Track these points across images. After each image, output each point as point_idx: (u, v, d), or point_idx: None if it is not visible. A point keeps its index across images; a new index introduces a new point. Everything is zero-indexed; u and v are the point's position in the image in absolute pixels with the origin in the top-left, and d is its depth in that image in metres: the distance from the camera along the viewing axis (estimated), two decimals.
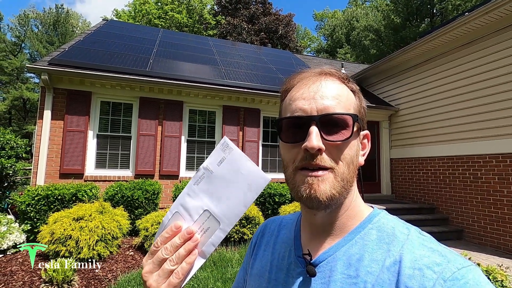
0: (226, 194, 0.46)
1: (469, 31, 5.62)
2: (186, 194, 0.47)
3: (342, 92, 0.51)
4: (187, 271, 0.44)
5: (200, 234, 0.46)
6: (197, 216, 0.46)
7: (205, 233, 0.46)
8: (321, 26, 37.16)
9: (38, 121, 5.40)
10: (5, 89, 25.46)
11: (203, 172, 0.47)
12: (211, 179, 0.47)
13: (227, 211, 0.46)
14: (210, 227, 0.46)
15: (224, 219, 0.46)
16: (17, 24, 27.93)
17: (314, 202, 0.46)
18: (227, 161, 0.46)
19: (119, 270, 3.55)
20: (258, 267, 0.61)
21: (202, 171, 0.47)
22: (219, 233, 0.46)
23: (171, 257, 0.44)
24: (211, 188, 0.47)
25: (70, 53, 5.97)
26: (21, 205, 4.19)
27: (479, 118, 5.49)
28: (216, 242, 0.46)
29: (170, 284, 0.43)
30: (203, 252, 0.46)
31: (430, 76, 6.60)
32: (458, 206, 5.86)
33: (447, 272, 0.40)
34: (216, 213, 0.46)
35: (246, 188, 0.45)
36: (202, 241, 0.46)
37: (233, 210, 0.46)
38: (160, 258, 0.44)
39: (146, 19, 23.27)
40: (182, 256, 0.44)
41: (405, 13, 22.82)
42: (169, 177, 6.16)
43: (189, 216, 0.47)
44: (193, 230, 0.46)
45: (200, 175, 0.47)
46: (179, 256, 0.44)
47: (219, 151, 0.47)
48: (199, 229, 0.46)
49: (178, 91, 6.31)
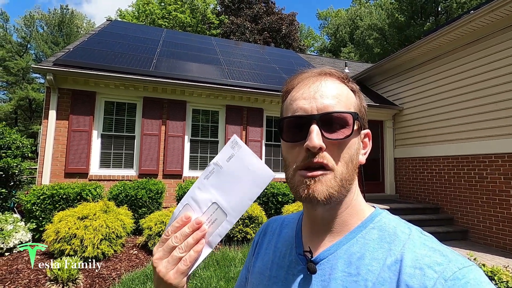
0: (233, 188, 0.49)
1: (475, 30, 5.56)
2: (197, 187, 0.51)
3: (342, 91, 0.51)
4: (194, 259, 0.46)
5: (208, 224, 0.49)
6: (206, 208, 0.49)
7: (213, 224, 0.49)
8: (325, 25, 37.03)
9: (43, 121, 5.45)
10: (11, 89, 25.75)
11: (213, 167, 0.50)
12: (220, 174, 0.50)
13: (234, 204, 0.48)
14: (217, 219, 0.49)
15: (231, 211, 0.48)
16: (22, 25, 28.23)
17: (313, 202, 0.47)
18: (235, 157, 0.49)
19: (123, 268, 3.58)
20: (260, 265, 0.61)
21: (212, 166, 0.50)
22: (226, 224, 0.48)
23: (180, 245, 0.46)
24: (220, 182, 0.50)
25: (75, 53, 6.02)
26: (27, 204, 4.24)
27: (484, 117, 5.44)
28: (222, 233, 0.49)
29: (178, 271, 0.46)
30: (210, 242, 0.49)
31: (435, 75, 6.54)
32: (463, 206, 5.81)
33: (448, 271, 0.40)
34: (223, 206, 0.49)
35: (252, 183, 0.48)
36: (210, 231, 0.49)
37: (239, 203, 0.48)
38: (170, 246, 0.47)
39: (150, 19, 23.36)
40: (191, 244, 0.46)
41: (410, 11, 22.64)
42: (173, 176, 6.18)
43: (198, 207, 0.50)
44: (202, 221, 0.48)
45: (210, 170, 0.50)
46: (187, 245, 0.46)
47: (228, 148, 0.50)
48: (207, 220, 0.49)
49: (182, 91, 6.33)
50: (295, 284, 0.52)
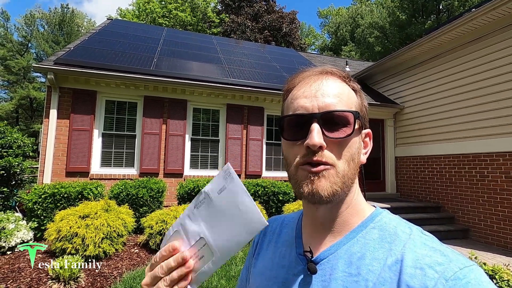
0: (222, 226, 0.44)
1: (476, 28, 5.53)
2: (187, 216, 0.48)
3: (343, 90, 0.51)
4: None
5: (195, 260, 0.45)
6: (194, 241, 0.46)
7: (200, 260, 0.45)
8: (326, 23, 36.94)
9: (44, 120, 5.46)
10: (12, 88, 25.79)
11: (204, 197, 0.47)
12: (210, 206, 0.45)
13: (221, 245, 0.44)
14: (204, 256, 0.45)
15: (217, 252, 0.44)
16: (23, 24, 28.26)
17: (316, 198, 0.47)
18: (227, 191, 0.44)
19: (124, 267, 3.59)
20: (260, 265, 0.61)
21: (203, 195, 0.47)
22: (211, 264, 0.44)
23: (165, 277, 0.44)
24: (209, 215, 0.45)
25: (75, 52, 6.02)
26: (28, 203, 4.26)
27: (485, 116, 5.42)
28: (208, 273, 0.44)
29: None
30: (196, 279, 0.45)
31: (436, 74, 6.52)
32: (464, 205, 5.80)
33: (449, 271, 0.40)
34: (211, 243, 0.44)
35: (242, 227, 0.43)
36: (196, 268, 0.45)
37: (226, 247, 0.44)
38: (155, 275, 0.45)
39: (150, 18, 23.35)
40: (174, 279, 0.44)
41: (411, 9, 22.56)
42: (174, 175, 6.19)
43: (187, 239, 0.46)
44: (187, 257, 0.44)
45: (201, 199, 0.47)
46: (172, 279, 0.44)
47: (220, 178, 0.45)
48: (195, 255, 0.45)
49: (182, 90, 6.33)
50: (296, 285, 0.51)
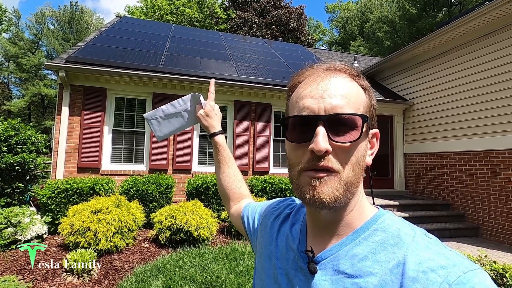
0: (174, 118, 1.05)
1: (490, 21, 5.39)
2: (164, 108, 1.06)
3: (352, 90, 0.49)
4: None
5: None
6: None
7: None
8: (334, 18, 36.44)
9: (56, 117, 5.58)
10: (24, 85, 26.33)
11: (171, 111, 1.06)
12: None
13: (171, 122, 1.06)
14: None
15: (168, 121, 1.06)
16: (34, 22, 28.71)
17: (317, 204, 0.46)
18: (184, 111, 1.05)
19: (135, 261, 3.68)
20: (273, 249, 0.62)
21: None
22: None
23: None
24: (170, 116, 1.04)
25: (86, 50, 6.11)
26: (42, 198, 4.38)
27: (497, 112, 5.30)
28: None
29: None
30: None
31: (447, 69, 6.39)
32: (474, 203, 5.72)
33: (452, 275, 0.39)
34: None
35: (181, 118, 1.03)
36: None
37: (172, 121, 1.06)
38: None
39: (158, 14, 23.41)
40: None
41: (421, 3, 22.06)
42: (182, 171, 6.26)
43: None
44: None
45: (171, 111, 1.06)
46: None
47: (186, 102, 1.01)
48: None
49: (190, 87, 6.37)
50: (296, 282, 0.52)
